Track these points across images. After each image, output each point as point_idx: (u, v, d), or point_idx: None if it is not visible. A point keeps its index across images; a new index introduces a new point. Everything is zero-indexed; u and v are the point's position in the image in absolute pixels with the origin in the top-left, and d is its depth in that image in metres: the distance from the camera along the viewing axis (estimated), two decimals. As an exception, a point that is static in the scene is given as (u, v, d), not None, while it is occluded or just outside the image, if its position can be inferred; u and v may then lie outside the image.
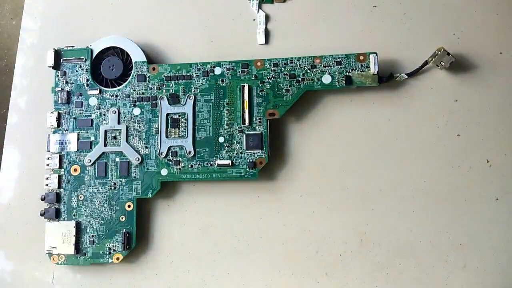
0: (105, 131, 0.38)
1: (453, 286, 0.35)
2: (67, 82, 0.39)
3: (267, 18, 0.41)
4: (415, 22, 0.39)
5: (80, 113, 0.39)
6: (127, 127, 0.38)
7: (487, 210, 0.36)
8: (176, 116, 0.38)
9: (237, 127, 0.37)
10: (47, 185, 0.38)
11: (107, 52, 0.40)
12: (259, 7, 0.41)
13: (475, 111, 0.37)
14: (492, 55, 0.38)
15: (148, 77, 0.38)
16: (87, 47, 0.39)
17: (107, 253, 0.37)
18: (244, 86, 0.37)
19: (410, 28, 0.39)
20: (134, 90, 0.38)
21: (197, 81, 0.38)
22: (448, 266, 0.35)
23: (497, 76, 0.38)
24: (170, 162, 0.37)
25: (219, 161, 0.37)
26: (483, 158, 0.37)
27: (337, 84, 0.37)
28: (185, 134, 0.37)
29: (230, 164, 0.36)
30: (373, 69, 0.36)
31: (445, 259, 0.35)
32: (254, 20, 0.41)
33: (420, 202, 0.36)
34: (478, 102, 0.37)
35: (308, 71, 0.37)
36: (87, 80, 0.39)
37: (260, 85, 0.37)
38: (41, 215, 0.37)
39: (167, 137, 0.37)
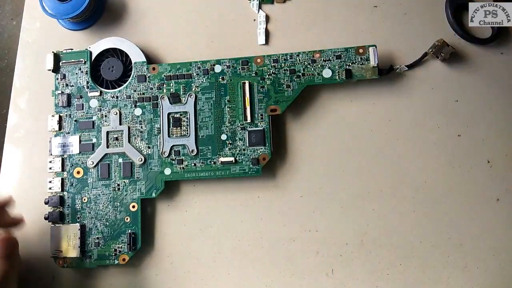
0: (107, 133, 0.38)
1: (454, 287, 0.35)
2: (67, 85, 0.39)
3: (268, 18, 0.41)
4: (415, 23, 0.39)
5: (81, 116, 0.39)
6: (129, 127, 0.38)
7: (488, 210, 0.36)
8: (178, 115, 0.38)
9: (239, 124, 0.37)
10: (50, 188, 0.37)
11: (106, 53, 0.40)
12: (259, 7, 0.41)
13: (475, 111, 0.37)
14: (492, 55, 0.38)
15: (148, 77, 0.38)
16: (86, 49, 0.39)
17: (113, 254, 0.36)
18: (244, 83, 0.37)
19: (410, 28, 0.39)
20: (135, 91, 0.38)
21: (198, 79, 0.38)
22: (449, 266, 0.35)
23: (497, 76, 0.38)
24: (173, 162, 0.37)
25: (222, 159, 0.37)
26: (484, 158, 0.37)
27: (337, 77, 0.37)
28: (187, 133, 0.37)
29: (233, 161, 0.36)
30: (373, 61, 0.36)
31: (446, 259, 0.35)
32: (254, 20, 0.41)
33: (421, 202, 0.36)
34: (479, 102, 0.37)
35: (308, 66, 0.37)
36: (87, 82, 0.39)
37: (261, 82, 0.37)
38: (45, 218, 0.37)
39: (169, 136, 0.37)
